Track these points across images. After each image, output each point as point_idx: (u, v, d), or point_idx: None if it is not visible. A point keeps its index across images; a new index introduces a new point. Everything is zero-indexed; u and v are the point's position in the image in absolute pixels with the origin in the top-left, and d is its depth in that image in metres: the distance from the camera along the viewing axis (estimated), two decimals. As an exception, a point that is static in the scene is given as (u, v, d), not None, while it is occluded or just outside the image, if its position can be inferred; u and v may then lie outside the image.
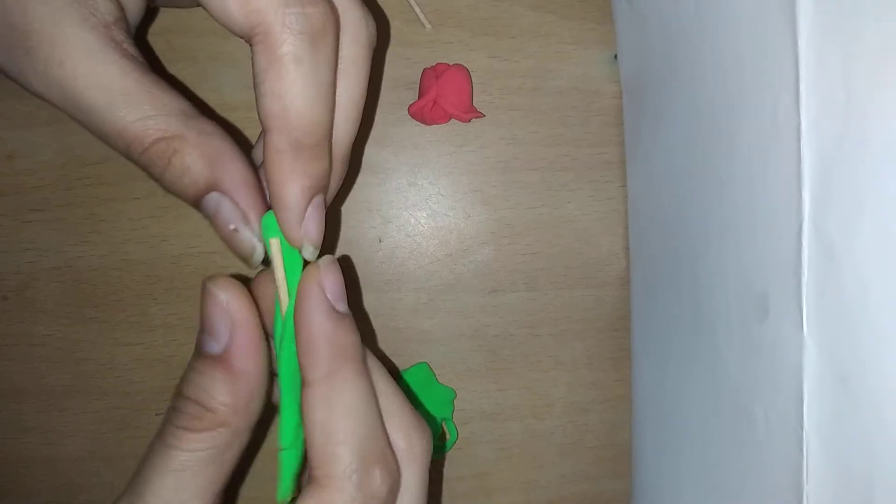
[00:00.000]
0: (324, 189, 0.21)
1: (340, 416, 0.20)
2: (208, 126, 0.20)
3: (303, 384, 0.20)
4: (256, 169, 0.21)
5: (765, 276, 0.22)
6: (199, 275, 0.33)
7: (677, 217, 0.29)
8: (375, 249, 0.34)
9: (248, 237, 0.20)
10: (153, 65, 0.23)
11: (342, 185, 0.24)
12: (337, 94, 0.22)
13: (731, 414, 0.25)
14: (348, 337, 0.21)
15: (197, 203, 0.20)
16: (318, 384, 0.20)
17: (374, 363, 0.22)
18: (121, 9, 0.20)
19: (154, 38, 0.32)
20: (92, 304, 0.33)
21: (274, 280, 0.21)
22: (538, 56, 0.34)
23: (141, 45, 0.21)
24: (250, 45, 0.20)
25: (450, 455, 0.35)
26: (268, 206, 0.21)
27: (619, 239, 0.35)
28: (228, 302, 0.20)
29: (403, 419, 0.22)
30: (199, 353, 0.20)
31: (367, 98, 0.23)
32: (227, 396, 0.20)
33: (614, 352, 0.35)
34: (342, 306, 0.21)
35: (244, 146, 0.21)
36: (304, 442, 0.20)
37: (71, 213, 0.33)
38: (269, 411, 0.22)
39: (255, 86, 0.20)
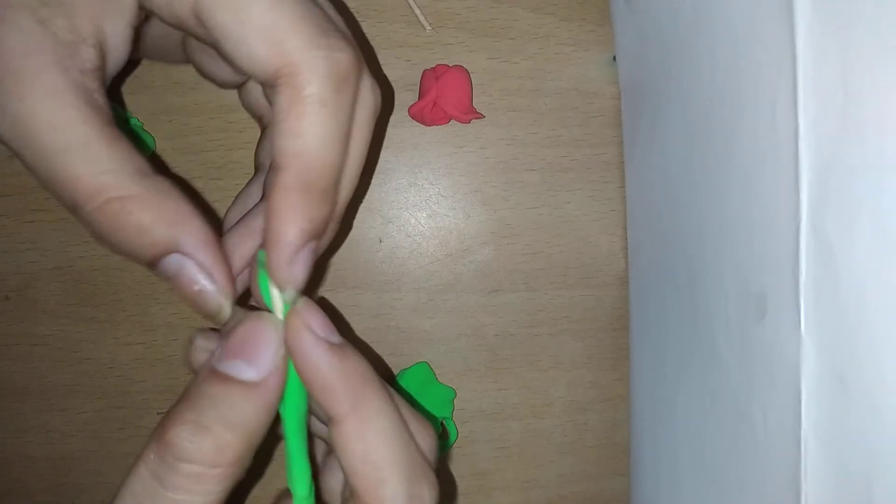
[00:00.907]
0: (319, 237, 0.21)
1: (379, 443, 0.20)
2: (165, 185, 0.19)
3: (331, 422, 0.20)
4: (215, 228, 0.21)
5: (763, 275, 0.22)
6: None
7: (676, 217, 0.29)
8: (376, 249, 0.34)
9: (215, 296, 0.20)
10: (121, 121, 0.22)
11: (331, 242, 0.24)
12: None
13: (730, 413, 0.25)
14: (357, 365, 0.20)
15: (153, 265, 0.19)
16: (347, 419, 0.20)
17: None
18: (102, 58, 0.19)
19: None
20: (93, 303, 0.33)
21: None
22: (537, 57, 0.34)
23: (115, 95, 0.20)
24: (270, 89, 0.20)
25: (450, 454, 0.35)
26: (228, 266, 0.21)
27: (618, 239, 0.35)
28: (282, 333, 0.20)
29: (413, 422, 0.22)
30: (219, 378, 0.19)
31: (365, 163, 0.23)
32: (251, 428, 0.19)
33: (613, 351, 0.35)
34: (336, 338, 0.21)
35: (202, 198, 0.21)
36: (346, 474, 0.20)
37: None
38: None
39: (275, 124, 0.19)
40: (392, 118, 0.34)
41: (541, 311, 0.35)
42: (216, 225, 0.21)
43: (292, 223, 0.20)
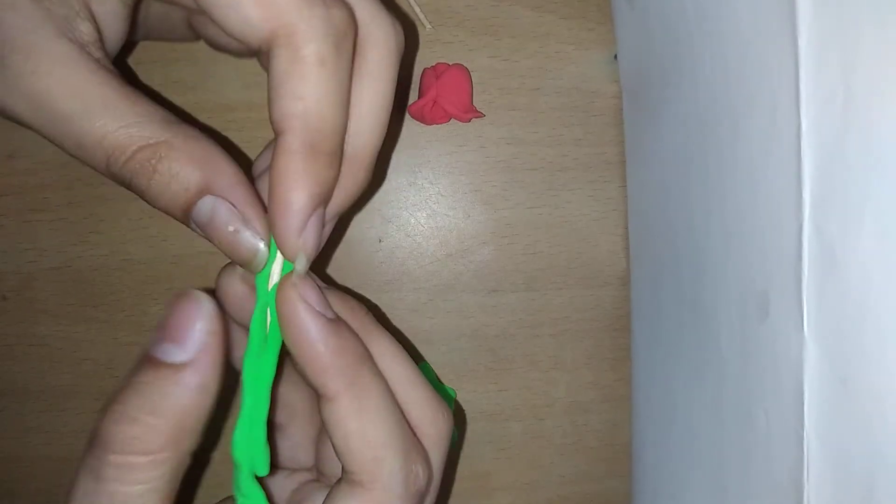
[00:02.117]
0: (326, 202, 0.20)
1: (376, 421, 0.20)
2: (193, 131, 0.19)
3: (322, 399, 0.20)
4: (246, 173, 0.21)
5: (765, 275, 0.22)
6: (199, 274, 0.33)
7: (677, 217, 0.29)
8: (375, 249, 0.34)
9: (250, 238, 0.20)
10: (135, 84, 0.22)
11: (364, 192, 0.23)
12: (364, 99, 0.21)
13: (732, 413, 0.25)
14: (351, 340, 0.20)
15: (187, 212, 0.19)
16: (342, 396, 0.20)
17: (398, 350, 0.22)
18: (98, 31, 0.20)
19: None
20: (92, 303, 0.33)
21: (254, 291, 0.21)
22: (538, 56, 0.34)
23: (121, 69, 0.21)
24: (265, 53, 0.19)
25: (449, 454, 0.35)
26: (265, 207, 0.20)
27: (619, 239, 0.35)
28: (213, 312, 0.19)
29: (430, 406, 0.22)
30: (150, 363, 0.18)
31: (394, 104, 0.22)
32: (178, 414, 0.18)
33: (614, 352, 0.35)
34: (331, 313, 0.20)
35: (232, 152, 0.21)
36: (338, 453, 0.20)
37: (71, 213, 0.33)
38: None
39: (273, 88, 0.19)
40: (392, 117, 0.34)
41: (541, 311, 0.35)
42: (246, 170, 0.21)
43: (300, 188, 0.19)
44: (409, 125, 0.34)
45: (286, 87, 0.19)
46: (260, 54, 0.23)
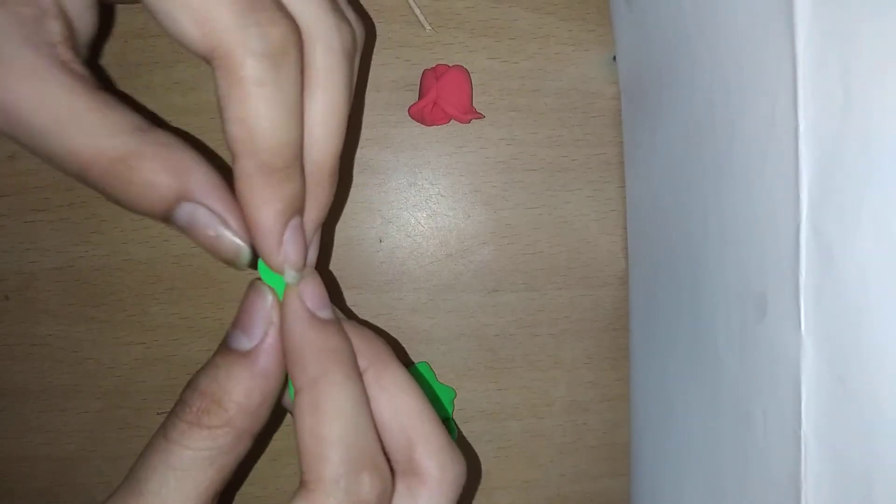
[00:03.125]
0: (299, 211, 0.21)
1: (328, 420, 0.20)
2: (165, 137, 0.19)
3: (294, 392, 0.20)
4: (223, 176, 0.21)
5: (763, 275, 0.22)
6: (201, 275, 0.33)
7: (676, 217, 0.29)
8: (375, 249, 0.34)
9: (231, 240, 0.20)
10: (107, 84, 0.22)
11: (336, 196, 0.23)
12: (317, 109, 0.21)
13: (730, 413, 0.25)
14: (331, 342, 0.21)
15: (166, 218, 0.19)
16: (305, 390, 0.20)
17: (411, 386, 0.22)
18: (69, 27, 0.19)
19: (155, 39, 0.32)
20: (93, 303, 0.33)
21: None
22: (537, 57, 0.34)
23: (94, 62, 0.20)
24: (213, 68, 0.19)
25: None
26: (240, 208, 0.20)
27: (618, 239, 0.35)
28: (273, 303, 0.20)
29: (439, 446, 0.21)
30: (224, 348, 0.20)
31: (353, 104, 0.22)
32: (241, 395, 0.20)
33: (613, 351, 0.35)
34: (325, 313, 0.21)
35: (207, 154, 0.21)
36: (297, 449, 0.20)
37: (72, 214, 0.33)
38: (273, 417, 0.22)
39: (220, 110, 0.19)
40: (392, 119, 0.34)
41: (541, 311, 0.35)
42: (225, 173, 0.21)
43: (265, 207, 0.20)
44: (410, 126, 0.34)
45: (230, 111, 0.19)
46: None
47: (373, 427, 0.21)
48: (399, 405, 0.21)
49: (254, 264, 0.21)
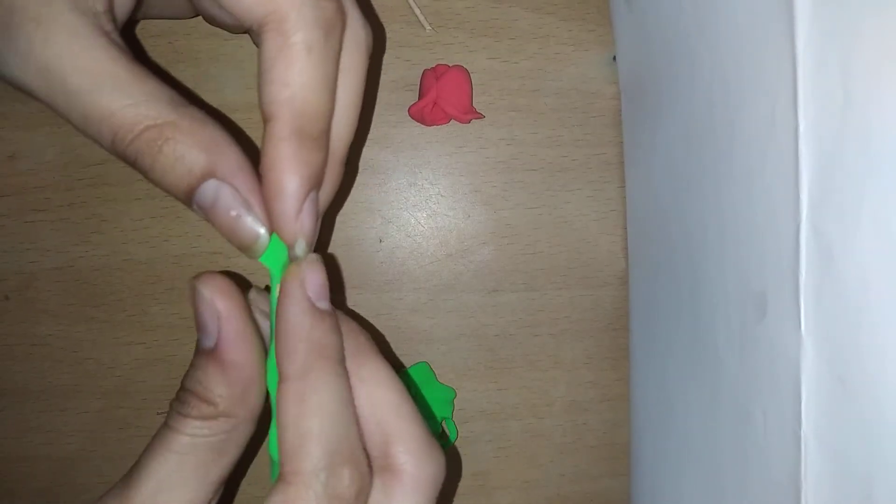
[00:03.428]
0: (319, 185, 0.21)
1: (313, 413, 0.20)
2: (199, 113, 0.19)
3: (279, 380, 0.20)
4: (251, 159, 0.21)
5: (763, 275, 0.22)
6: (201, 275, 0.33)
7: (676, 217, 0.29)
8: (376, 249, 0.34)
9: (251, 223, 0.20)
10: (143, 61, 0.23)
11: (339, 190, 0.24)
12: (340, 95, 0.21)
13: (730, 413, 0.25)
14: (327, 336, 0.20)
15: (190, 194, 0.19)
16: (292, 380, 0.20)
17: (393, 381, 0.22)
18: (110, 1, 0.20)
19: (156, 39, 0.32)
20: (93, 303, 0.33)
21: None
22: (537, 57, 0.34)
23: (129, 42, 0.21)
24: (256, 35, 0.20)
25: (450, 454, 0.35)
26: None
27: (618, 239, 0.35)
28: (212, 298, 0.20)
29: (416, 442, 0.21)
30: (197, 350, 0.21)
31: (363, 103, 0.23)
32: (222, 388, 0.20)
33: (613, 351, 0.35)
34: (324, 304, 0.21)
35: (239, 139, 0.21)
36: (279, 439, 0.20)
37: (73, 214, 0.33)
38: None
39: (262, 73, 0.19)
40: (392, 119, 0.34)
41: (541, 311, 0.35)
42: (252, 158, 0.21)
43: (291, 172, 0.20)
44: (410, 126, 0.34)
45: (274, 73, 0.19)
46: (252, 33, 0.23)
47: (355, 423, 0.21)
48: (377, 399, 0.21)
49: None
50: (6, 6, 0.18)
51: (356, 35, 0.22)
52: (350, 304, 0.34)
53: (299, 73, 0.19)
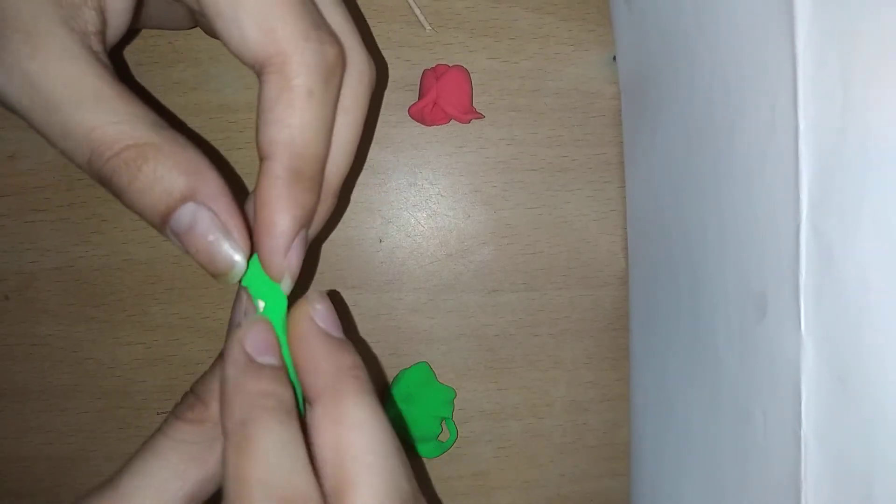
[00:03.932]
0: (309, 224, 0.21)
1: (354, 432, 0.19)
2: (181, 137, 0.19)
3: (310, 405, 0.20)
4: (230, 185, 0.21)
5: (763, 275, 0.22)
6: (201, 275, 0.33)
7: (676, 217, 0.29)
8: (375, 249, 0.34)
9: (228, 249, 0.19)
10: (130, 84, 0.23)
11: (328, 220, 0.24)
12: (339, 131, 0.22)
13: (730, 413, 0.25)
14: (351, 358, 0.20)
15: (166, 217, 0.19)
16: (323, 397, 0.19)
17: (365, 422, 0.20)
18: (103, 23, 0.20)
19: (156, 38, 0.32)
20: (93, 303, 0.33)
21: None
22: (537, 57, 0.34)
23: (117, 65, 0.21)
24: (258, 73, 0.20)
25: (450, 454, 0.35)
26: (246, 220, 0.20)
27: (618, 239, 0.35)
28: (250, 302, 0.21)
29: (370, 493, 0.19)
30: (220, 355, 0.21)
31: (361, 136, 0.23)
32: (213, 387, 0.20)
33: (613, 351, 0.35)
34: (337, 334, 0.21)
35: (218, 162, 0.21)
36: (318, 467, 0.19)
37: (73, 214, 0.33)
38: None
39: (261, 112, 0.20)
40: (392, 118, 0.34)
41: (541, 311, 0.35)
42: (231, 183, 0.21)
43: (284, 212, 0.20)
44: (410, 126, 0.34)
45: (274, 114, 0.20)
46: (254, 70, 0.24)
47: (303, 469, 0.19)
48: (342, 443, 0.19)
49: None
50: None
51: (360, 73, 0.22)
52: (350, 304, 0.34)
53: (299, 116, 0.20)
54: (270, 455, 0.19)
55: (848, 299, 0.19)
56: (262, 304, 0.21)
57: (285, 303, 0.21)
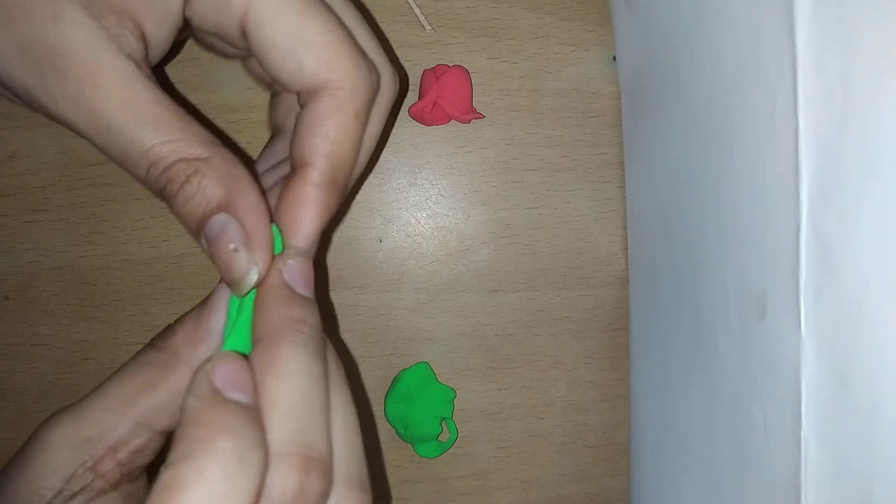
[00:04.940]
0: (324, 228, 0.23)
1: (282, 381, 0.19)
2: (229, 154, 0.21)
3: (253, 343, 0.20)
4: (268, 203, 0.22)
5: (763, 275, 0.22)
6: (200, 275, 0.33)
7: (676, 217, 0.29)
8: (376, 249, 0.34)
9: (246, 260, 0.21)
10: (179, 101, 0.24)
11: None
12: None
13: (730, 413, 0.25)
14: (301, 311, 0.20)
15: (202, 224, 0.21)
16: (258, 347, 0.19)
17: (345, 414, 0.21)
18: (146, 48, 0.21)
19: (155, 39, 0.32)
20: (93, 303, 0.33)
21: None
22: (537, 57, 0.34)
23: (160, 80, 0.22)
24: (306, 95, 0.22)
25: (450, 454, 0.35)
26: (271, 241, 0.22)
27: (617, 239, 0.35)
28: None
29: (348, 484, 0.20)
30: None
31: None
32: (189, 324, 0.22)
33: (613, 351, 0.35)
34: (304, 291, 0.21)
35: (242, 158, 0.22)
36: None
37: (73, 214, 0.33)
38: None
39: (308, 125, 0.22)
40: (392, 118, 0.34)
41: (541, 311, 0.35)
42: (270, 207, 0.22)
43: (315, 214, 0.22)
44: (410, 126, 0.34)
45: (322, 129, 0.22)
46: (247, 61, 0.26)
47: (326, 412, 0.20)
48: (261, 389, 0.19)
49: None
50: (58, 54, 0.19)
51: (386, 87, 0.24)
52: (350, 303, 0.34)
53: (345, 134, 0.22)
54: (303, 379, 0.19)
55: (848, 299, 0.19)
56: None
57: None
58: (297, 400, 0.19)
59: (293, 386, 0.19)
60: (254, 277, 0.21)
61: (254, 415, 0.18)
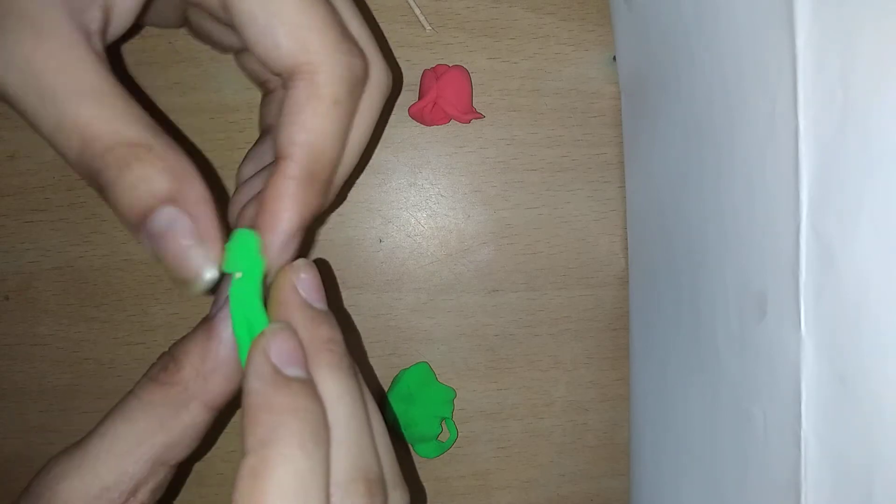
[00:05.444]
0: (308, 227, 0.21)
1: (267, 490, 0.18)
2: (172, 142, 0.19)
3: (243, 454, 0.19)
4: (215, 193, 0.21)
5: (763, 275, 0.22)
6: (201, 275, 0.33)
7: (676, 217, 0.29)
8: (376, 249, 0.34)
9: (200, 257, 0.19)
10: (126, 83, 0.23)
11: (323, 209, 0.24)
12: (351, 135, 0.22)
13: (730, 413, 0.25)
14: (328, 331, 0.20)
15: (144, 218, 0.18)
16: (249, 453, 0.18)
17: (340, 396, 0.20)
18: (106, 22, 0.20)
19: (156, 39, 0.32)
20: (93, 303, 0.33)
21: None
22: (537, 57, 0.34)
23: (113, 61, 0.21)
24: (285, 79, 0.21)
25: (450, 454, 0.35)
26: (221, 234, 0.20)
27: (617, 239, 0.35)
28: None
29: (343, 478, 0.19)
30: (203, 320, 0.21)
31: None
32: (196, 356, 0.21)
33: (613, 351, 0.35)
34: (320, 305, 0.21)
35: (206, 169, 0.21)
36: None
37: (73, 214, 0.33)
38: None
39: (285, 115, 0.20)
40: (392, 119, 0.34)
41: (541, 311, 0.35)
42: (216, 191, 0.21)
43: (291, 210, 0.20)
44: (410, 126, 0.34)
45: (299, 118, 0.20)
46: (240, 55, 0.25)
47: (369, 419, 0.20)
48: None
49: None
50: (5, 10, 0.18)
51: (378, 81, 0.23)
52: (350, 304, 0.34)
53: (323, 122, 0.20)
54: (285, 488, 0.18)
55: (848, 299, 0.19)
56: (238, 275, 0.21)
57: (262, 269, 0.21)
58: (347, 423, 0.19)
59: (341, 410, 0.19)
60: (207, 278, 0.19)
61: (312, 389, 0.19)
